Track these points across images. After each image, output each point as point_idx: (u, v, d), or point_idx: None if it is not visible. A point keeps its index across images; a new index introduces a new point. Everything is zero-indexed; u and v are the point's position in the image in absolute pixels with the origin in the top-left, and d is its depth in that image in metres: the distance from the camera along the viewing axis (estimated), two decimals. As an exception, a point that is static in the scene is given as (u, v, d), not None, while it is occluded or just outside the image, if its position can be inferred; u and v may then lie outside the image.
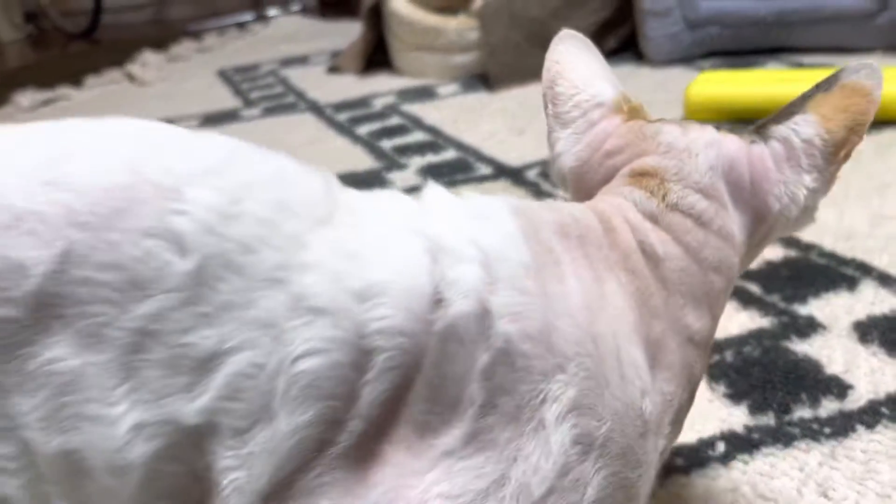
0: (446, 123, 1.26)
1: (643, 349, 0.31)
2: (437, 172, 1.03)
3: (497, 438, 0.27)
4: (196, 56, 2.25)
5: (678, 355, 0.33)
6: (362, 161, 1.12)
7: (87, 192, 0.26)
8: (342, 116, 1.40)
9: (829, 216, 0.75)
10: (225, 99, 1.68)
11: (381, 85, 1.60)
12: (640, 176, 0.35)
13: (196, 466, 0.26)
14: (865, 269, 0.66)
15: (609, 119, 0.38)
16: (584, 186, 0.38)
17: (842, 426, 0.49)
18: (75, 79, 1.96)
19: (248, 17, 2.98)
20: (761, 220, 0.36)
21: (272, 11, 3.09)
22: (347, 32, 2.35)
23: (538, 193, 0.91)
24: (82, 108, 1.73)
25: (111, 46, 2.61)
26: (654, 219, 0.34)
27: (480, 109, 1.32)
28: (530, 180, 0.96)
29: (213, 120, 1.50)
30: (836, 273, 0.66)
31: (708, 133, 0.37)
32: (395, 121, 1.32)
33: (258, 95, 1.67)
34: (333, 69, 1.79)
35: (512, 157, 1.05)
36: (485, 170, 1.02)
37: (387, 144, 1.19)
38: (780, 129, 0.35)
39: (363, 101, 1.49)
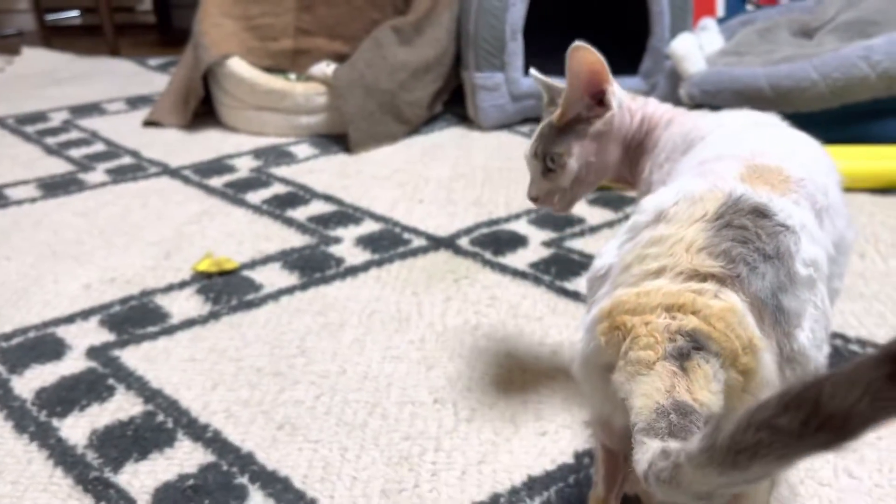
0: (336, 189, 1.35)
1: None
2: (378, 245, 1.13)
3: None
4: (-59, 97, 1.95)
5: None
6: (290, 237, 1.18)
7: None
8: (215, 182, 1.40)
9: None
10: (38, 158, 1.54)
11: (220, 142, 1.61)
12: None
13: None
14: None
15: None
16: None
17: None
18: None
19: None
20: None
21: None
22: (113, 71, 2.23)
23: (483, 262, 1.08)
24: None
25: None
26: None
27: (356, 175, 1.43)
28: (468, 250, 1.12)
29: (53, 187, 1.39)
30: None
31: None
32: (280, 188, 1.37)
33: (82, 154, 1.55)
34: (151, 123, 1.72)
35: (432, 226, 1.19)
36: (418, 241, 1.15)
37: (297, 216, 1.25)
38: None
39: (219, 163, 1.49)
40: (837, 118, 1.39)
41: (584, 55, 0.68)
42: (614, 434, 0.52)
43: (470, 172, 1.42)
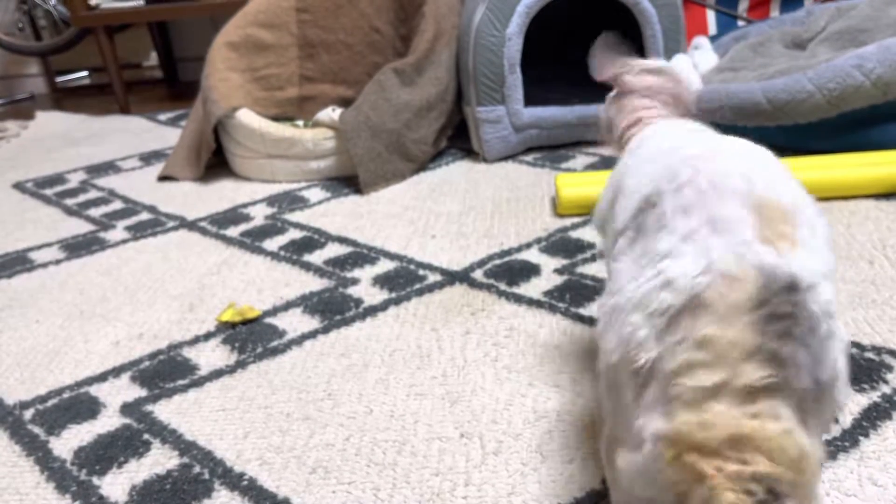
0: (350, 231, 1.38)
1: None
2: (394, 284, 1.16)
3: None
4: (-38, 167, 2.01)
5: None
6: (309, 282, 1.20)
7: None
8: (232, 232, 1.43)
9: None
10: (59, 220, 1.58)
11: (234, 192, 1.65)
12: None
13: None
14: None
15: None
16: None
17: None
18: None
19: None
20: None
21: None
22: (125, 129, 2.29)
23: (499, 294, 1.10)
24: None
25: None
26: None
27: (368, 215, 1.46)
28: (483, 282, 1.14)
29: (76, 248, 1.43)
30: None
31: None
32: (296, 233, 1.40)
33: (101, 213, 1.60)
34: (165, 177, 1.77)
35: (445, 261, 1.22)
36: (434, 277, 1.18)
37: (314, 260, 1.28)
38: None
39: (235, 212, 1.53)
40: (837, 127, 1.41)
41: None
42: None
43: (479, 205, 1.45)
